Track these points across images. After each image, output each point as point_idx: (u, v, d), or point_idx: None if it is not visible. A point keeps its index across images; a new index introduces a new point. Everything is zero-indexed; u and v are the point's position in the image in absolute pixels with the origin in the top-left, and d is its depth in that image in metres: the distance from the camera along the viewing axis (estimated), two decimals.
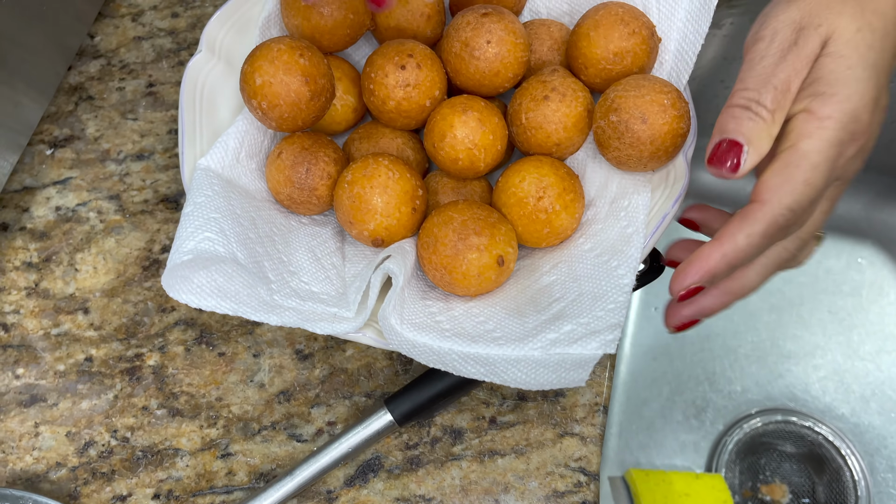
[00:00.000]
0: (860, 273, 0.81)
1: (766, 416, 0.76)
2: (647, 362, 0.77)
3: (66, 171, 0.49)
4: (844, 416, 0.76)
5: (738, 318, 0.79)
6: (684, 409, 0.76)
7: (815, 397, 0.76)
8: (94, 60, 0.53)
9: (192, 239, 0.37)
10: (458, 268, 0.39)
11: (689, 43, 0.43)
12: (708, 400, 0.77)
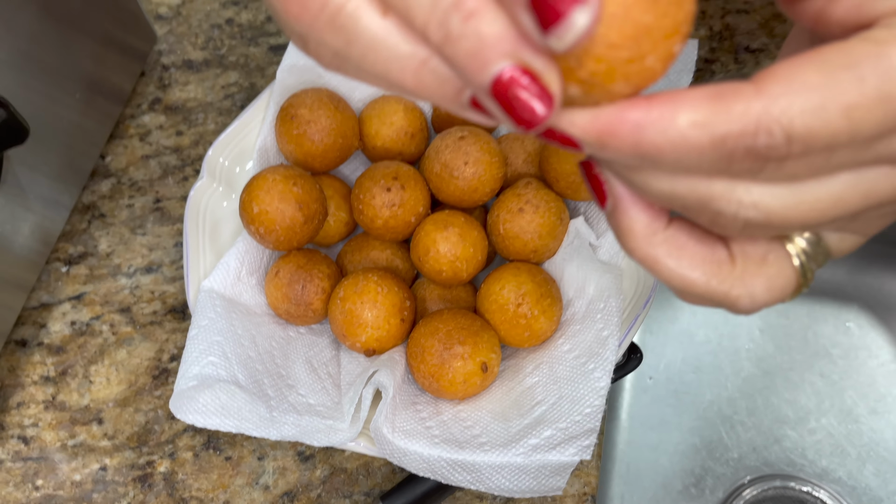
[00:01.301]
0: (849, 336, 0.83)
1: (765, 482, 0.77)
2: (645, 432, 0.79)
3: (81, 287, 0.53)
4: (841, 479, 0.77)
5: (732, 385, 0.81)
6: (683, 479, 0.78)
7: (811, 461, 0.78)
8: (106, 180, 0.57)
9: (196, 364, 0.40)
10: (445, 375, 0.41)
11: None
12: (707, 468, 0.78)
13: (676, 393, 0.81)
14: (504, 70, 0.17)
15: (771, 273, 0.23)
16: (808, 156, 0.19)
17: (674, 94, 0.18)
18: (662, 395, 0.81)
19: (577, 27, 0.16)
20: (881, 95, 0.18)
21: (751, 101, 0.18)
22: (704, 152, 0.18)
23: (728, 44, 0.60)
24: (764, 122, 0.18)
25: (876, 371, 0.81)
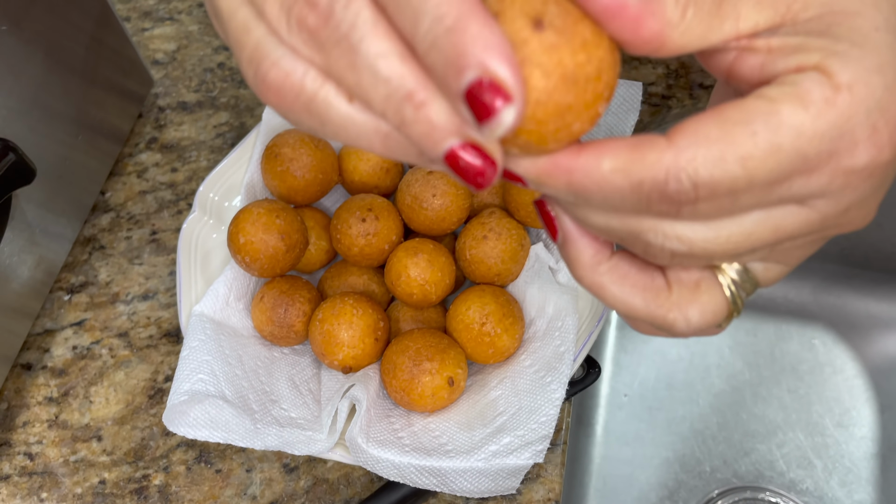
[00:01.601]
0: (814, 353, 0.87)
1: (735, 493, 0.81)
2: (620, 447, 0.82)
3: (82, 314, 0.57)
4: (809, 489, 0.81)
5: (703, 400, 0.85)
6: (657, 491, 0.81)
7: (780, 473, 0.82)
8: (105, 214, 0.61)
9: (187, 381, 0.44)
10: (415, 389, 0.45)
11: None
12: (680, 481, 0.82)
13: (650, 409, 0.85)
14: (453, 145, 0.20)
15: (704, 300, 0.26)
16: (715, 199, 0.21)
17: (601, 143, 0.22)
18: (637, 411, 0.85)
19: (506, 122, 0.19)
20: (771, 147, 0.21)
21: (663, 152, 0.21)
22: (625, 193, 0.21)
23: (683, 81, 0.65)
24: (673, 170, 0.21)
25: (841, 386, 0.85)
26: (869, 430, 0.84)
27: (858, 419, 0.85)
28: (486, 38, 0.19)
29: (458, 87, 0.19)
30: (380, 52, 0.20)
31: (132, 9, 0.72)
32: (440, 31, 0.19)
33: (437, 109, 0.20)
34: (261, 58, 0.22)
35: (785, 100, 0.21)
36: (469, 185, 0.21)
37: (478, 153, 0.21)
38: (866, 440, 0.84)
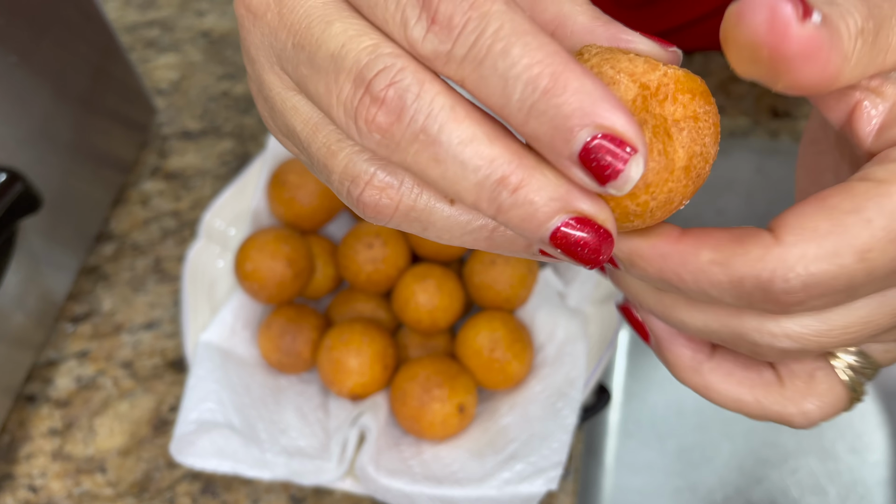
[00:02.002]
0: None
1: None
2: (630, 476, 0.81)
3: (86, 344, 0.57)
4: None
5: (714, 427, 0.84)
6: None
7: (793, 500, 0.80)
8: (110, 243, 0.61)
9: (195, 410, 0.43)
10: (425, 417, 0.45)
11: None
12: None
13: (660, 437, 0.84)
14: (559, 224, 0.19)
15: (821, 390, 0.23)
16: (828, 296, 0.19)
17: (701, 232, 0.20)
18: (647, 439, 0.83)
19: (634, 175, 0.18)
20: (890, 235, 0.19)
21: (768, 249, 0.19)
22: (724, 288, 0.20)
23: None
24: (780, 270, 0.19)
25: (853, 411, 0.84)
26: (882, 456, 0.83)
27: (871, 444, 0.84)
28: (591, 91, 0.17)
29: (571, 150, 0.18)
30: (463, 138, 0.19)
31: (137, 39, 0.73)
32: (537, 95, 0.17)
33: (536, 187, 0.19)
34: (351, 180, 0.21)
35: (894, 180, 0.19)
36: (581, 265, 0.19)
37: (588, 227, 0.19)
38: (880, 466, 0.83)
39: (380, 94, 0.19)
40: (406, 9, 0.19)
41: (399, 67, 0.19)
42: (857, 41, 0.20)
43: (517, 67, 0.17)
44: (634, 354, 0.84)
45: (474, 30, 0.18)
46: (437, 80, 0.19)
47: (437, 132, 0.18)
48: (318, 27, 0.20)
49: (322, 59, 0.20)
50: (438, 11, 0.18)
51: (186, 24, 0.74)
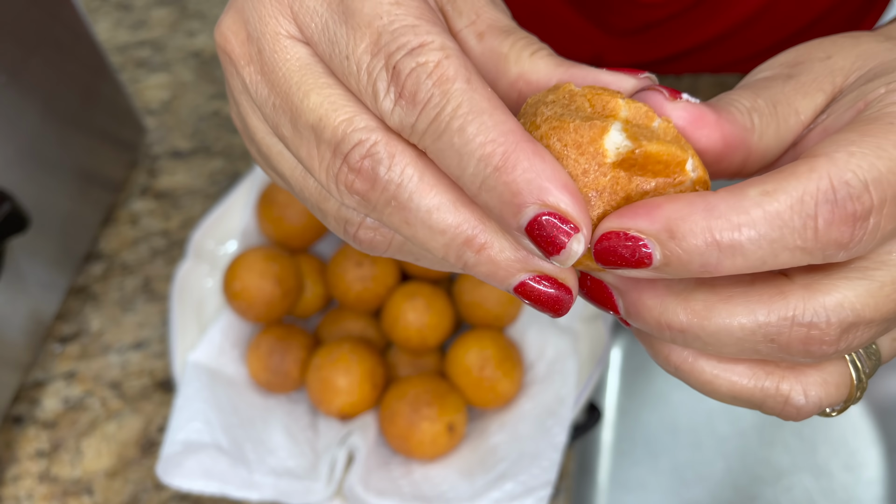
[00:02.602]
0: None
1: None
2: (624, 495, 0.81)
3: (73, 365, 0.56)
4: None
5: (708, 445, 0.83)
6: None
7: None
8: (98, 263, 0.61)
9: (182, 430, 0.43)
10: (414, 436, 0.44)
11: None
12: None
13: (654, 455, 0.83)
14: (523, 279, 0.20)
15: (828, 371, 0.22)
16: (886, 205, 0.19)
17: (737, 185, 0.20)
18: (640, 457, 0.83)
19: (575, 252, 0.19)
20: None
21: (813, 162, 0.19)
22: (788, 221, 0.19)
23: None
24: (836, 175, 0.19)
25: (846, 427, 0.84)
26: (877, 473, 0.83)
27: (866, 461, 0.84)
28: (540, 171, 0.19)
29: (519, 224, 0.19)
30: (430, 206, 0.20)
31: (128, 59, 0.73)
32: (488, 171, 0.19)
33: (498, 249, 0.20)
34: (345, 221, 0.23)
35: (890, 106, 0.20)
36: (546, 312, 0.21)
37: (551, 283, 0.20)
38: (874, 483, 0.82)
39: (356, 165, 0.20)
40: (377, 82, 0.20)
41: (373, 141, 0.20)
42: (753, 115, 0.22)
43: (471, 145, 0.19)
44: (627, 372, 0.84)
45: (435, 106, 0.19)
46: (408, 150, 0.21)
47: (406, 200, 0.20)
48: (296, 96, 0.21)
49: (302, 128, 0.21)
50: (405, 86, 0.20)
51: (177, 45, 0.74)
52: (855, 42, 0.24)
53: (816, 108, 0.23)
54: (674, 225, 0.19)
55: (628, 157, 0.20)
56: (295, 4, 0.22)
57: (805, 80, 0.23)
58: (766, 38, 0.64)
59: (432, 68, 0.19)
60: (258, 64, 0.22)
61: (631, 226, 0.19)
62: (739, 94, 0.23)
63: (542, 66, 0.23)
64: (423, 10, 0.21)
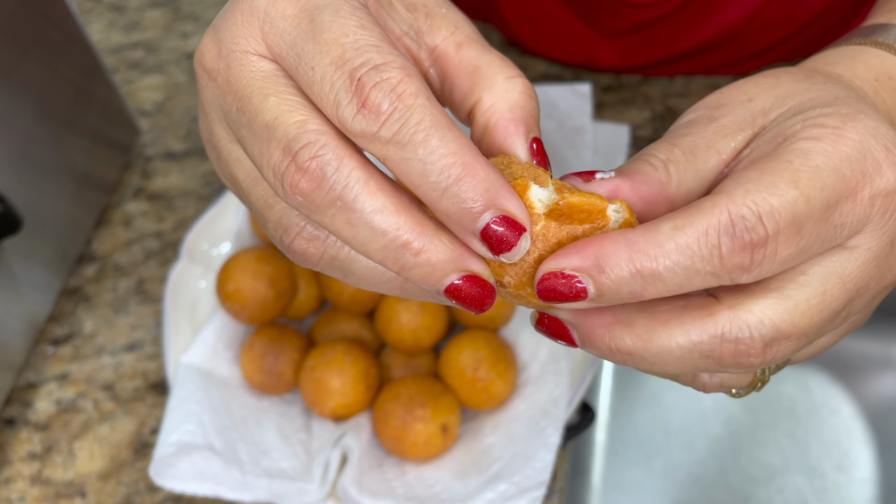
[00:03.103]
0: (810, 395, 0.86)
1: None
2: (617, 496, 0.81)
3: (66, 366, 0.56)
4: None
5: (701, 446, 0.83)
6: None
7: None
8: (91, 264, 0.60)
9: (175, 432, 0.43)
10: (408, 437, 0.44)
11: None
12: None
13: (648, 456, 0.84)
14: (453, 280, 0.23)
15: None
16: (781, 235, 0.22)
17: (655, 221, 0.23)
18: (634, 458, 0.83)
19: (524, 247, 0.22)
20: (812, 168, 0.23)
21: (716, 199, 0.22)
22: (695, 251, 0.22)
23: (670, 124, 0.66)
24: (734, 209, 0.22)
25: (838, 427, 0.84)
26: (869, 473, 0.83)
27: (858, 461, 0.84)
28: (494, 181, 0.21)
29: (475, 227, 0.22)
30: (374, 208, 0.22)
31: (121, 60, 0.73)
32: (450, 181, 0.21)
33: (434, 251, 0.22)
34: (283, 229, 0.24)
35: (798, 141, 0.23)
36: (471, 310, 0.23)
37: (475, 283, 0.23)
38: (867, 483, 0.83)
39: (303, 165, 0.22)
40: (339, 92, 0.22)
41: (322, 143, 0.22)
42: (669, 166, 0.25)
43: (434, 155, 0.21)
44: (621, 374, 0.84)
45: (399, 119, 0.21)
46: (356, 155, 0.22)
47: (352, 201, 0.22)
48: (256, 98, 0.23)
49: (258, 127, 0.23)
50: (369, 98, 0.21)
51: (171, 46, 0.74)
52: (775, 83, 0.27)
53: (737, 147, 0.25)
54: (602, 261, 0.22)
55: (555, 208, 0.23)
56: (265, 26, 0.23)
57: (726, 122, 0.26)
58: (759, 42, 0.64)
59: (395, 83, 0.21)
60: (225, 75, 0.24)
61: (565, 265, 0.22)
62: (657, 148, 0.25)
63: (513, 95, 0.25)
64: (385, 36, 0.23)
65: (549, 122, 0.54)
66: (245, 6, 0.24)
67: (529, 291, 0.24)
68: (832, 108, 0.24)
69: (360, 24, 0.22)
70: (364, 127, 0.21)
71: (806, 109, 0.25)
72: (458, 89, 0.26)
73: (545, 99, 0.54)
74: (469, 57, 0.26)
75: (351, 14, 0.23)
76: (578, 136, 0.53)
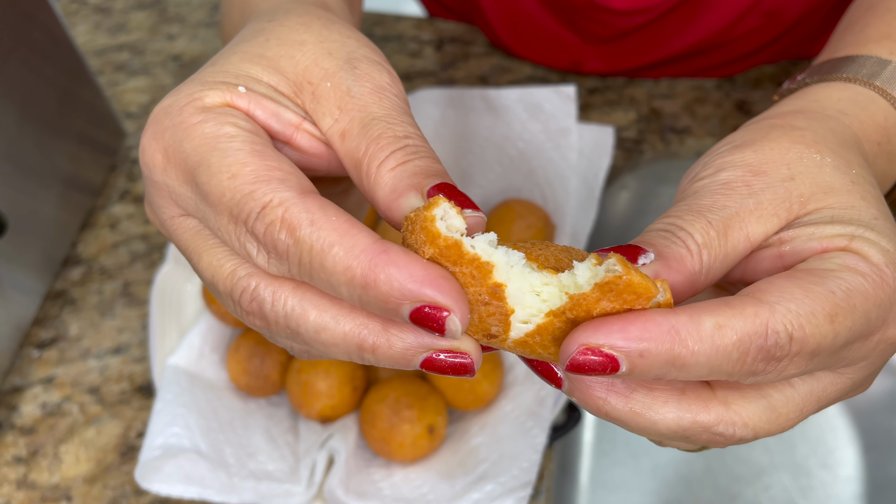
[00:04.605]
0: None
1: None
2: (605, 495, 0.81)
3: (52, 370, 0.56)
4: None
5: None
6: None
7: None
8: (77, 267, 0.60)
9: (161, 435, 0.43)
10: (395, 439, 0.45)
11: (581, 225, 0.51)
12: None
13: (635, 455, 0.84)
14: (423, 358, 0.23)
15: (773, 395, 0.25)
16: (800, 356, 0.23)
17: (694, 306, 0.22)
18: (621, 458, 0.83)
19: (455, 328, 0.22)
20: (849, 307, 0.23)
21: (758, 306, 0.22)
22: (730, 351, 0.22)
23: (655, 125, 0.66)
24: (772, 324, 0.22)
25: (824, 426, 0.85)
26: (854, 471, 0.84)
27: (843, 459, 0.85)
28: (397, 276, 0.21)
29: (403, 319, 0.22)
30: (316, 326, 0.23)
31: (106, 63, 0.73)
32: (358, 291, 0.22)
33: (388, 345, 0.23)
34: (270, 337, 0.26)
35: (845, 270, 0.24)
36: (458, 377, 0.24)
37: (450, 353, 0.23)
38: (852, 481, 0.83)
39: (248, 308, 0.24)
40: (246, 244, 0.24)
41: (254, 286, 0.24)
42: (703, 252, 0.25)
43: (334, 275, 0.22)
44: None
45: (294, 253, 0.22)
46: (287, 284, 0.24)
47: (295, 326, 0.24)
48: (194, 258, 0.26)
49: (206, 283, 0.26)
50: (266, 244, 0.23)
51: (157, 48, 0.74)
52: (819, 168, 0.27)
53: (767, 232, 0.26)
54: (644, 348, 0.22)
55: (612, 282, 0.22)
56: (171, 194, 0.26)
57: (764, 201, 0.26)
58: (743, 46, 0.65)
59: (279, 224, 0.22)
60: (168, 236, 0.27)
61: (605, 342, 0.22)
62: (694, 227, 0.25)
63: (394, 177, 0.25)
64: (257, 170, 0.24)
65: (534, 123, 0.54)
66: (149, 182, 0.27)
67: (546, 346, 0.23)
68: (874, 234, 0.25)
69: (231, 174, 0.24)
70: (278, 267, 0.23)
71: (845, 221, 0.25)
72: (354, 180, 0.27)
73: (530, 101, 0.55)
74: (350, 150, 0.26)
75: (220, 166, 0.24)
76: (563, 137, 0.53)
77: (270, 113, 0.27)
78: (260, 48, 0.28)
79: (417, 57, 0.71)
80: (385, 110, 0.26)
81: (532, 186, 0.53)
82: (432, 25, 0.74)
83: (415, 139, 0.26)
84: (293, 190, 0.23)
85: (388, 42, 0.73)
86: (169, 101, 0.26)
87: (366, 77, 0.27)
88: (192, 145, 0.25)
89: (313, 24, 0.28)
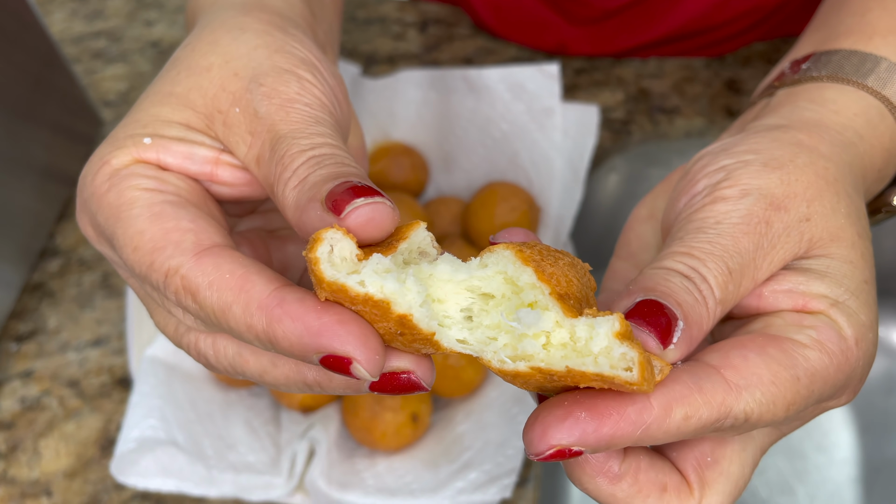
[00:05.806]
0: None
1: None
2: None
3: (30, 363, 0.55)
4: None
5: None
6: None
7: (763, 501, 0.80)
8: (55, 259, 0.59)
9: (137, 427, 0.42)
10: (377, 427, 0.44)
11: (567, 207, 0.50)
12: None
13: None
14: (370, 384, 0.23)
15: None
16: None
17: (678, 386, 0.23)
18: None
19: (363, 375, 0.21)
20: (810, 395, 0.24)
21: (726, 391, 0.23)
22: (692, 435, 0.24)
23: (643, 106, 0.65)
24: (734, 411, 0.23)
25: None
26: (850, 453, 0.83)
27: (838, 442, 0.84)
28: (295, 329, 0.21)
29: (319, 365, 0.22)
30: (259, 371, 0.25)
31: (83, 50, 0.71)
32: (267, 342, 0.22)
33: (332, 377, 0.23)
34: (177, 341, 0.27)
35: (815, 348, 0.25)
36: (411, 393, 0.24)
37: (391, 377, 0.23)
38: (848, 463, 0.83)
39: (194, 355, 0.26)
40: (171, 308, 0.25)
41: (195, 341, 0.26)
42: (718, 309, 0.25)
43: (241, 332, 0.23)
44: None
45: (203, 314, 0.23)
46: (224, 334, 0.25)
47: (241, 371, 0.25)
48: (149, 313, 0.28)
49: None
50: (182, 306, 0.24)
51: (135, 35, 0.73)
52: (833, 213, 0.27)
53: (772, 271, 0.26)
54: (611, 442, 0.22)
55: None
56: (112, 261, 0.28)
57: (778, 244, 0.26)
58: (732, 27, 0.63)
59: (182, 291, 0.23)
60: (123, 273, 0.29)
61: (576, 443, 0.22)
62: (715, 276, 0.25)
63: (289, 205, 0.25)
64: (154, 237, 0.24)
65: (517, 104, 0.53)
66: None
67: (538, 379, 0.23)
68: (856, 303, 0.26)
69: (133, 246, 0.24)
70: (202, 326, 0.25)
71: (836, 280, 0.26)
72: None
73: (513, 81, 0.54)
74: (265, 176, 0.26)
75: (124, 239, 0.24)
76: (547, 118, 0.52)
77: (182, 156, 0.26)
78: (170, 84, 0.27)
79: (401, 39, 0.70)
80: (292, 125, 0.26)
81: (516, 168, 0.52)
82: (416, 7, 0.73)
83: (321, 148, 0.25)
84: (188, 253, 0.23)
85: (371, 24, 0.71)
86: (86, 168, 0.27)
87: (272, 93, 0.26)
88: (103, 217, 0.25)
89: (221, 41, 0.28)
